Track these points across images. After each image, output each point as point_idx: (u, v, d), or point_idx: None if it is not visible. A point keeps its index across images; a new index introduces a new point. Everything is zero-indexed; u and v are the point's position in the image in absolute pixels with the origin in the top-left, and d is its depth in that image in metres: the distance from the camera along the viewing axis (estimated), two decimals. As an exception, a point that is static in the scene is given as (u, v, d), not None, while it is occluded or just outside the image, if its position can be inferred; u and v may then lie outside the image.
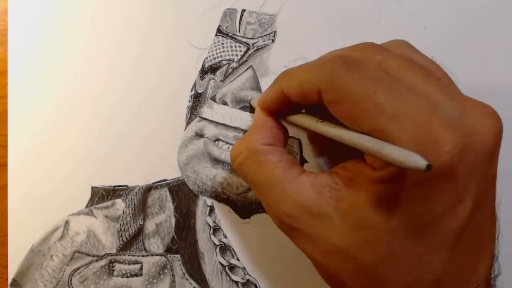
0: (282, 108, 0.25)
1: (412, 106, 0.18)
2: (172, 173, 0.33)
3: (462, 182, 0.19)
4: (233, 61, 0.33)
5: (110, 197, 0.34)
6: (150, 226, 0.33)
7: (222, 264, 0.32)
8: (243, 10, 0.33)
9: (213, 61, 0.33)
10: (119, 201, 0.33)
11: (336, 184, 0.21)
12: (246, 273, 0.32)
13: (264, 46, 0.33)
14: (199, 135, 0.33)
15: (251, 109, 0.32)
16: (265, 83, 0.32)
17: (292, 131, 0.32)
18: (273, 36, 0.33)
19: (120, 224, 0.33)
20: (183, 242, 0.33)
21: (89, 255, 0.33)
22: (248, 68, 0.33)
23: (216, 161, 0.32)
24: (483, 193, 0.20)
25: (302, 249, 0.23)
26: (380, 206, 0.19)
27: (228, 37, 0.33)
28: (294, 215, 0.22)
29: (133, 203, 0.33)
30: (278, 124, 0.26)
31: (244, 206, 0.32)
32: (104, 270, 0.32)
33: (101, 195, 0.34)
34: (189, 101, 0.34)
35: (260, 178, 0.23)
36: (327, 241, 0.21)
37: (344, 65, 0.21)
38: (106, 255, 0.33)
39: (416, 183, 0.18)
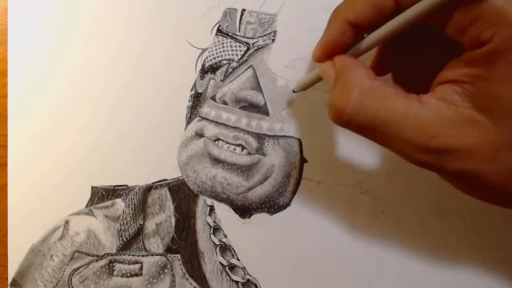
0: (347, 44, 0.24)
1: None
2: (172, 173, 0.33)
3: None
4: (233, 60, 0.33)
5: (110, 197, 0.34)
6: (150, 226, 0.33)
7: (222, 264, 0.32)
8: (243, 10, 0.33)
9: (213, 61, 0.33)
10: (119, 201, 0.33)
11: (461, 86, 0.20)
12: (246, 273, 0.32)
13: (264, 46, 0.33)
14: (199, 134, 0.33)
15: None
16: (265, 83, 0.32)
17: (292, 132, 0.32)
18: (273, 36, 0.33)
19: (120, 224, 0.33)
20: (183, 242, 0.33)
21: (89, 255, 0.33)
22: (248, 67, 0.33)
23: (216, 160, 0.32)
24: None
25: (460, 171, 0.20)
26: None
27: (228, 36, 0.33)
28: (442, 134, 0.20)
29: (133, 202, 0.33)
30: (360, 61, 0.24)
31: (244, 206, 0.32)
32: (104, 270, 0.32)
33: (101, 195, 0.34)
34: (189, 100, 0.34)
35: (388, 113, 0.21)
36: (488, 145, 0.19)
37: None
38: (106, 255, 0.33)
39: None
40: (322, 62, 0.25)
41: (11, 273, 0.33)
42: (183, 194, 0.33)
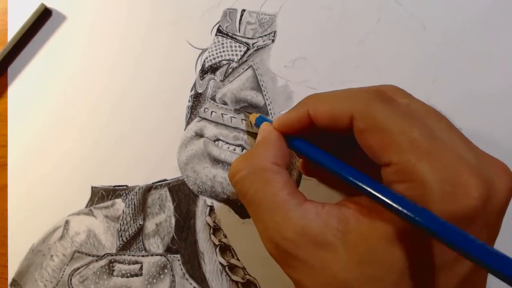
0: (300, 131, 0.25)
1: (443, 148, 0.19)
2: (172, 173, 0.33)
3: (478, 231, 0.19)
4: (233, 61, 0.33)
5: (110, 197, 0.34)
6: (150, 226, 0.33)
7: (222, 264, 0.32)
8: (243, 10, 0.33)
9: (213, 61, 0.33)
10: (119, 201, 0.33)
11: (345, 217, 0.20)
12: (246, 273, 0.32)
13: (264, 46, 0.33)
14: (199, 135, 0.33)
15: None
16: (265, 83, 0.32)
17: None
18: (273, 36, 0.33)
19: (120, 224, 0.33)
20: (183, 242, 0.33)
21: (89, 255, 0.33)
22: (248, 68, 0.33)
23: (216, 161, 0.32)
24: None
25: (296, 280, 0.21)
26: (395, 243, 0.19)
27: (228, 37, 0.33)
28: (294, 241, 0.20)
29: (133, 203, 0.33)
30: (287, 147, 0.25)
31: (244, 206, 0.32)
32: (104, 270, 0.32)
33: (101, 195, 0.34)
34: (189, 101, 0.34)
35: (263, 196, 0.22)
36: (329, 272, 0.20)
37: (380, 97, 0.21)
38: (106, 255, 0.33)
39: None
40: (270, 130, 0.26)
41: (11, 273, 0.33)
42: (183, 194, 0.33)
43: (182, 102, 0.34)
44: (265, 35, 0.33)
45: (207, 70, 0.33)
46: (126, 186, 0.34)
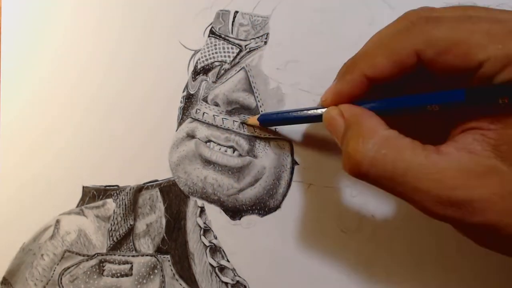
0: (359, 96, 0.24)
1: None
2: (163, 174, 0.33)
3: None
4: (225, 62, 0.33)
5: (101, 197, 0.34)
6: (140, 226, 0.33)
7: (212, 265, 0.32)
8: (236, 12, 0.33)
9: (206, 62, 0.33)
10: (110, 201, 0.34)
11: (483, 135, 0.20)
12: (236, 274, 0.32)
13: (257, 48, 0.33)
14: (191, 136, 0.33)
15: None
16: (257, 85, 0.32)
17: (283, 134, 0.32)
18: (266, 38, 0.33)
19: (111, 224, 0.33)
20: (173, 242, 0.33)
21: (80, 255, 0.33)
22: (241, 69, 0.33)
23: (207, 162, 0.32)
24: None
25: (481, 224, 0.20)
26: None
27: (221, 38, 0.33)
28: (460, 186, 0.19)
29: (124, 203, 0.33)
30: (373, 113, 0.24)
31: (235, 208, 0.32)
32: (94, 269, 0.32)
33: (92, 195, 0.34)
34: (181, 102, 0.34)
35: (406, 163, 0.20)
36: (510, 196, 0.19)
37: (429, 21, 0.21)
38: (96, 255, 0.33)
39: None
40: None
41: (1, 272, 0.33)
42: (174, 195, 0.33)
43: (174, 103, 0.34)
44: (257, 37, 0.33)
45: (200, 72, 0.34)
46: (117, 186, 0.34)
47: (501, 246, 0.21)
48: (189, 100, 0.33)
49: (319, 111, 0.26)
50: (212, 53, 0.33)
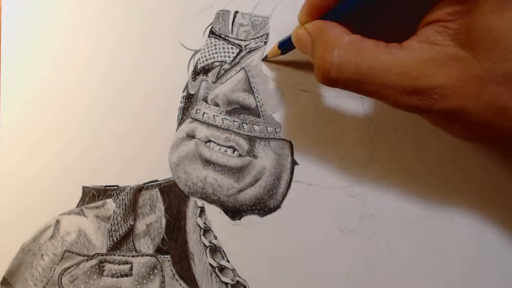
0: (330, 7, 0.24)
1: None
2: (163, 174, 0.33)
3: None
4: (225, 62, 0.33)
5: (101, 197, 0.34)
6: (140, 226, 0.33)
7: (212, 265, 0.32)
8: (236, 12, 0.33)
9: (206, 63, 0.33)
10: (110, 201, 0.34)
11: (443, 26, 0.21)
12: (236, 274, 0.32)
13: (257, 48, 0.33)
14: (191, 136, 0.33)
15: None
16: (257, 85, 0.32)
17: (283, 134, 0.32)
18: (266, 38, 0.33)
19: (111, 224, 0.33)
20: (173, 243, 0.33)
21: (80, 255, 0.33)
22: (241, 69, 0.33)
23: (207, 162, 0.32)
24: None
25: (448, 110, 0.21)
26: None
27: (221, 38, 0.33)
28: (424, 75, 0.20)
29: (124, 203, 0.33)
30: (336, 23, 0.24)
31: (235, 208, 0.32)
32: (94, 270, 0.32)
33: (92, 195, 0.34)
34: (181, 102, 0.34)
35: (370, 62, 0.22)
36: (473, 80, 0.20)
37: None
38: (96, 255, 0.33)
39: None
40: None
41: (1, 272, 0.33)
42: (173, 195, 0.33)
43: (174, 103, 0.34)
44: (257, 37, 0.33)
45: (200, 72, 0.34)
46: (117, 186, 0.34)
47: (469, 132, 0.22)
48: (189, 100, 0.34)
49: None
50: (212, 53, 0.33)
